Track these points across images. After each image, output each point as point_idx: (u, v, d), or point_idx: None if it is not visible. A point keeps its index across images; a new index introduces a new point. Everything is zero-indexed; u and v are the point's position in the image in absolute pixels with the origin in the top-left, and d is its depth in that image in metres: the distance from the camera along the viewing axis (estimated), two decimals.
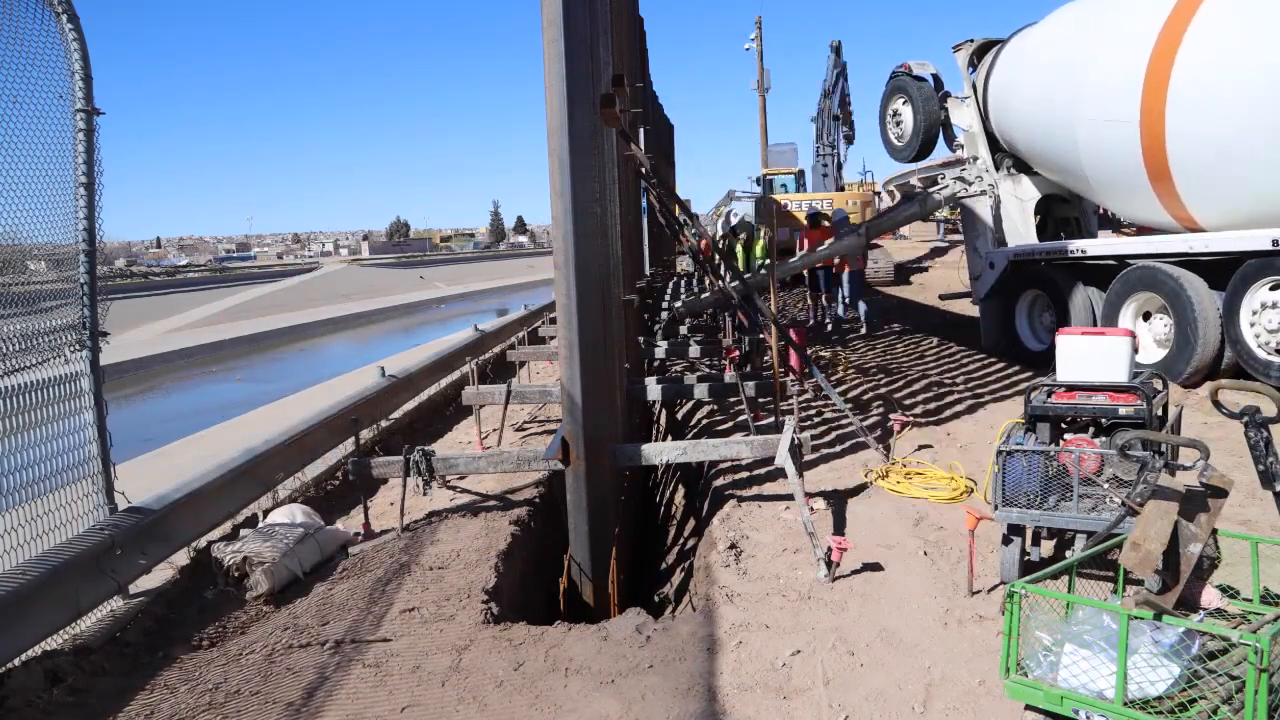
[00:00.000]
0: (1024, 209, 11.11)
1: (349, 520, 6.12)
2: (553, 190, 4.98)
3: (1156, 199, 8.85)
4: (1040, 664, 2.98)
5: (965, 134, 11.85)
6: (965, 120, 11.76)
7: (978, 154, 11.57)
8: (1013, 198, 11.20)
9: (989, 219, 11.30)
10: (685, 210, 10.87)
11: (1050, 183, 11.07)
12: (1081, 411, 4.39)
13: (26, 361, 4.26)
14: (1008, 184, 11.25)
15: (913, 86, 12.22)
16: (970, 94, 11.62)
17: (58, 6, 4.53)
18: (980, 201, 11.46)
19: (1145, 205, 9.17)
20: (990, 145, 11.47)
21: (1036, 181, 11.16)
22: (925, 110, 11.99)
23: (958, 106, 11.85)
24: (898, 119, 12.73)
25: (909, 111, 12.38)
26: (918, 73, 12.33)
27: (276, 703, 3.63)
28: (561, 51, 4.79)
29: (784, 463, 5.23)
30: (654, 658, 3.86)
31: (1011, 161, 11.28)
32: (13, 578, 3.82)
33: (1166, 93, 8.19)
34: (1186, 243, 8.61)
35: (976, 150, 11.59)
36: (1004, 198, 11.22)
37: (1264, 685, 2.47)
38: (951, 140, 12.36)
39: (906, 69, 12.41)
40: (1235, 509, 4.77)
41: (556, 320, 5.29)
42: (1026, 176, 11.17)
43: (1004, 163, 11.32)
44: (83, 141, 4.62)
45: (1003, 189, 11.25)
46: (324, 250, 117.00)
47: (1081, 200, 11.29)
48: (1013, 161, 11.28)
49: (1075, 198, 11.25)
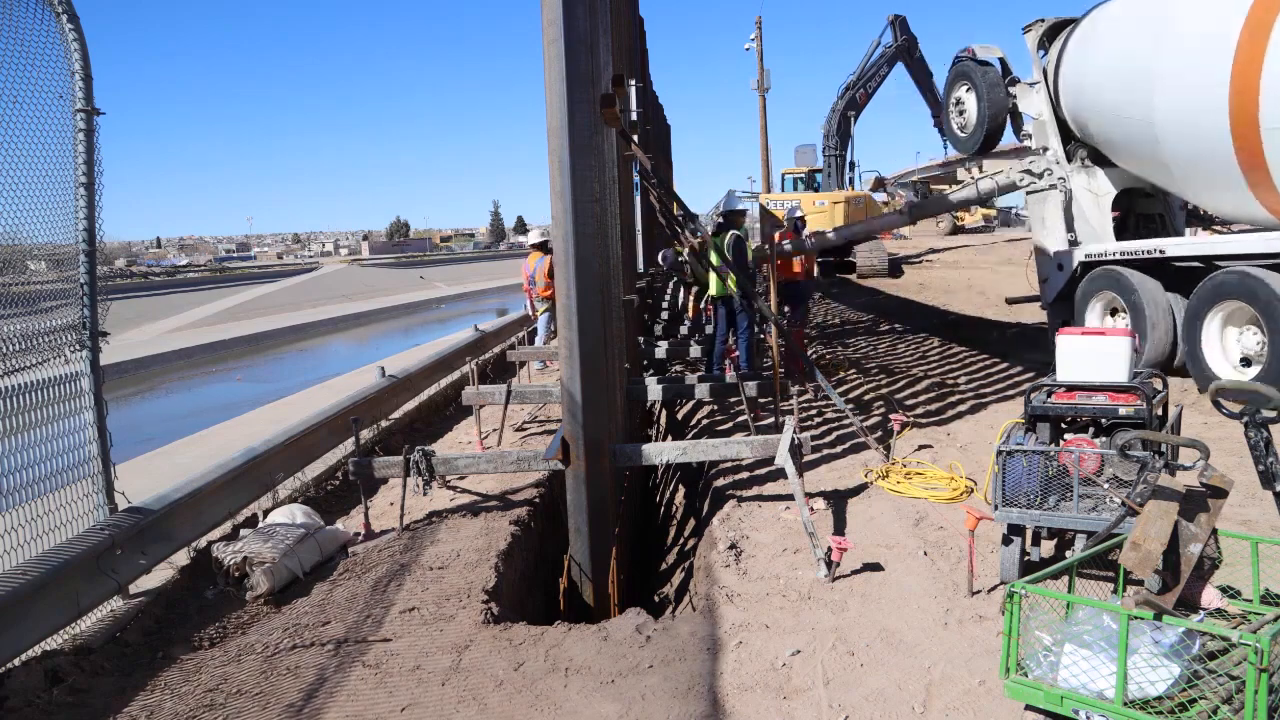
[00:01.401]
0: (1099, 204, 10.10)
1: (349, 520, 6.12)
2: (553, 190, 4.98)
3: (1249, 191, 7.90)
4: (1040, 664, 2.97)
5: (1034, 122, 10.80)
6: (1034, 108, 10.76)
7: (1048, 144, 10.53)
8: (1086, 192, 10.16)
9: (1059, 216, 10.27)
10: (685, 210, 10.84)
11: (1129, 175, 10.03)
12: (1081, 411, 4.39)
13: (27, 361, 4.26)
14: (1081, 177, 10.20)
15: (977, 72, 11.22)
16: (1040, 79, 10.61)
17: (58, 6, 4.53)
18: (1050, 197, 10.42)
19: (1236, 198, 8.22)
20: (1062, 135, 10.46)
21: (1113, 174, 10.12)
22: (990, 97, 10.98)
23: (1026, 93, 10.86)
24: (961, 107, 11.68)
25: (973, 99, 11.33)
26: (982, 57, 11.35)
27: (276, 703, 3.63)
28: (561, 51, 4.80)
29: (784, 463, 5.23)
30: (654, 658, 3.86)
31: (1086, 152, 10.27)
32: (13, 578, 3.82)
33: (1261, 72, 7.31)
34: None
35: (1046, 140, 10.55)
36: (1076, 192, 10.19)
37: (1264, 685, 2.47)
38: (1019, 130, 11.29)
39: (970, 53, 11.46)
40: (1235, 509, 4.78)
41: (556, 320, 5.29)
42: (1102, 169, 10.15)
43: (1077, 154, 10.30)
44: (83, 141, 4.62)
45: (1075, 183, 10.21)
46: (324, 250, 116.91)
47: (1166, 195, 10.24)
48: (1087, 152, 10.26)
49: (1159, 192, 10.19)
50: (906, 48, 28.65)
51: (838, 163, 29.44)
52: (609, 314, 5.91)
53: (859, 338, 14.14)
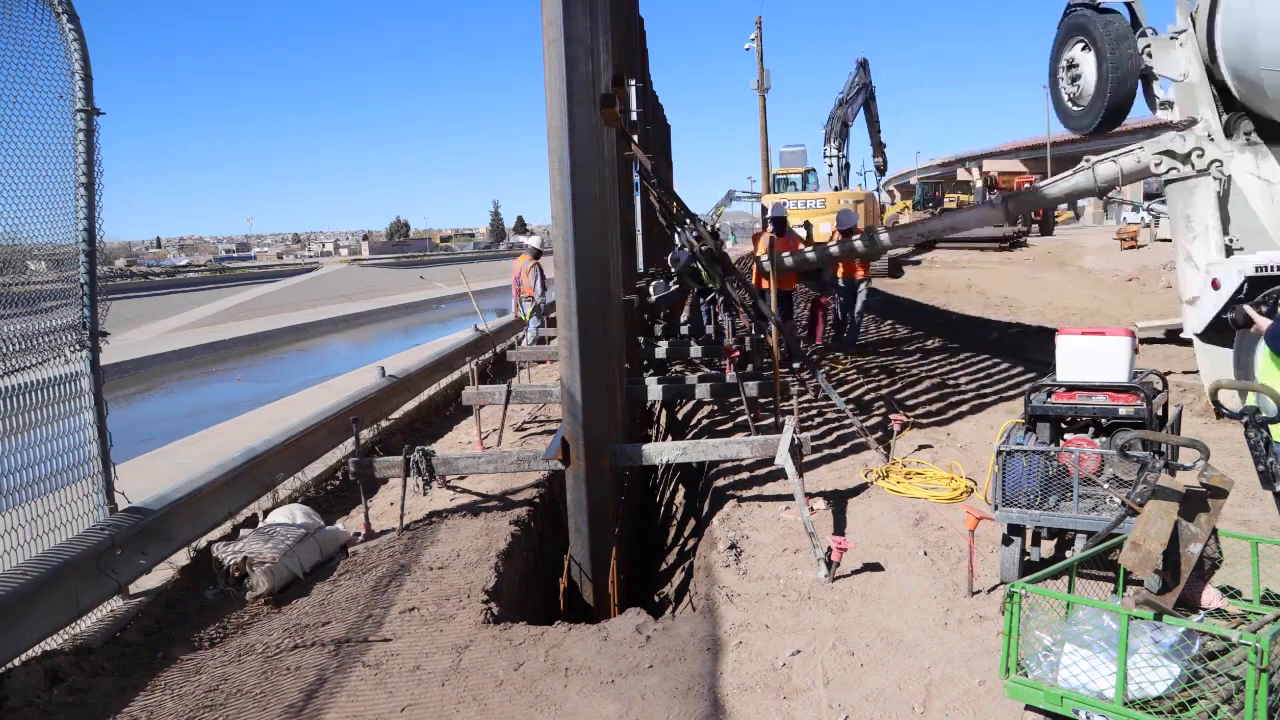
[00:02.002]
0: (1272, 196, 7.65)
1: (349, 520, 6.12)
2: (553, 190, 4.98)
3: None
4: (1040, 664, 2.98)
5: (1178, 87, 8.19)
6: (1178, 68, 8.15)
7: (1197, 115, 8.01)
8: (1254, 179, 7.71)
9: (1212, 212, 7.78)
10: (685, 210, 10.84)
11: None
12: (1081, 411, 4.39)
13: (27, 361, 4.26)
14: (1246, 159, 7.74)
15: (1097, 23, 8.40)
16: (1187, 26, 8.07)
17: (58, 6, 4.53)
18: (1200, 186, 7.85)
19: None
20: (1218, 102, 7.96)
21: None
22: (1116, 57, 8.21)
23: (1166, 48, 8.18)
24: (1074, 72, 8.80)
25: (1090, 60, 8.52)
26: (1104, 2, 8.57)
27: (277, 703, 3.63)
28: (561, 52, 4.80)
29: (784, 463, 5.24)
30: (654, 658, 3.86)
31: (1252, 125, 7.80)
32: (13, 578, 3.82)
33: None
34: None
35: (1195, 110, 8.02)
36: (1239, 179, 7.75)
37: (1264, 685, 2.47)
38: (1154, 99, 8.54)
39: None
40: (1235, 509, 4.77)
41: (557, 320, 5.30)
42: (1276, 148, 7.75)
43: (1239, 128, 7.85)
44: (83, 141, 4.62)
45: (1236, 166, 7.74)
46: (324, 250, 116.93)
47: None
48: (1254, 125, 7.79)
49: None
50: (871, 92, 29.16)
51: (838, 163, 29.51)
52: (609, 314, 5.91)
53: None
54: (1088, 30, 8.55)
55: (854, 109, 29.27)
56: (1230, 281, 7.22)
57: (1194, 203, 7.90)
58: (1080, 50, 8.73)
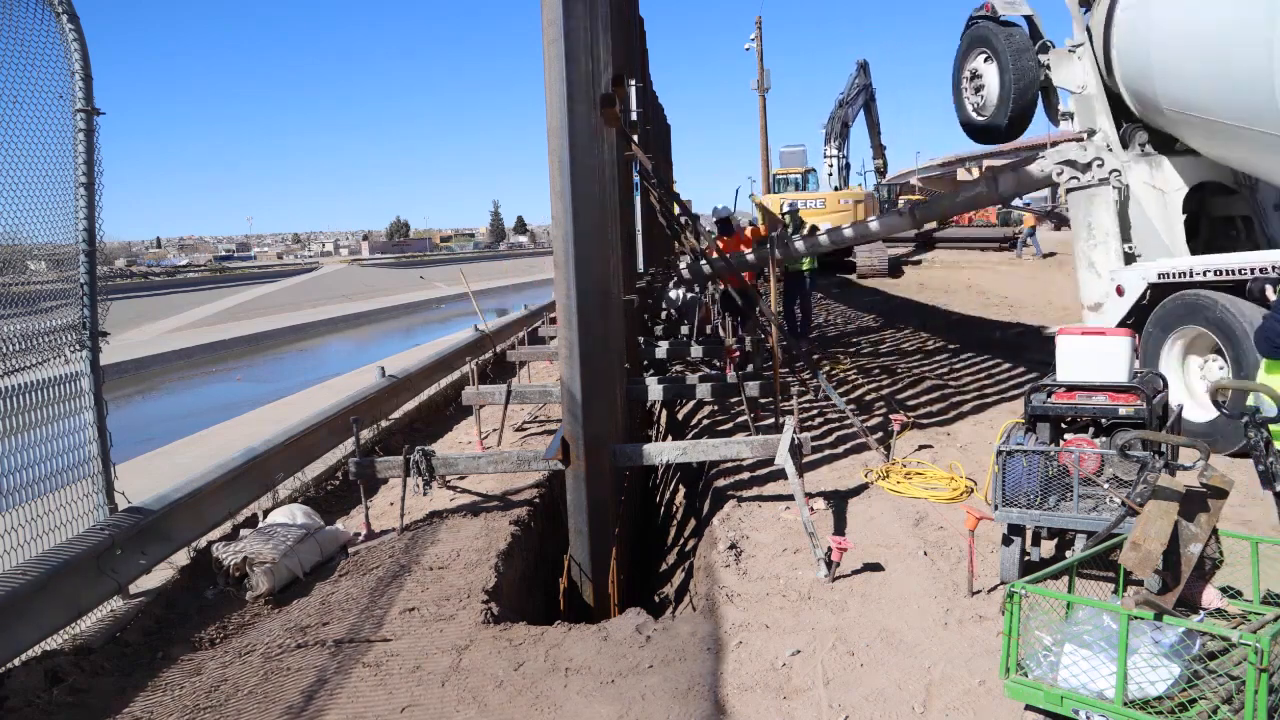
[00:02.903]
0: (1166, 204, 7.78)
1: (349, 520, 6.12)
2: (553, 190, 4.98)
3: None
4: (1040, 664, 2.98)
5: (1076, 98, 8.41)
6: (1076, 79, 8.31)
7: (1095, 125, 8.18)
8: (1149, 189, 7.85)
9: (1112, 221, 7.93)
10: (686, 210, 10.84)
11: (1207, 165, 7.73)
12: (1081, 411, 4.38)
13: (27, 361, 4.26)
14: (1141, 168, 7.87)
15: (999, 35, 8.59)
16: (1084, 40, 8.21)
17: (58, 6, 4.53)
18: (1099, 195, 8.03)
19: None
20: (1115, 113, 8.12)
21: (1184, 164, 7.78)
22: (1017, 67, 8.43)
23: (1064, 60, 8.38)
24: (978, 82, 9.00)
25: (993, 71, 8.72)
26: (1005, 15, 8.74)
27: (276, 703, 3.63)
28: (561, 51, 4.80)
29: (784, 463, 5.24)
30: (654, 658, 3.86)
31: (1147, 136, 7.97)
32: (13, 578, 3.82)
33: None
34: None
35: (1093, 120, 8.20)
36: (1136, 189, 7.87)
37: (1264, 685, 2.47)
38: (1055, 110, 8.79)
39: (989, 10, 8.86)
40: (1235, 509, 4.77)
41: (556, 320, 5.29)
42: (1169, 158, 7.84)
43: (1135, 138, 8.01)
44: (83, 141, 4.62)
45: (1133, 176, 7.87)
46: (324, 250, 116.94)
47: (1255, 191, 7.90)
48: (1148, 136, 7.97)
49: (1246, 187, 7.90)
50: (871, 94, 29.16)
51: (838, 163, 29.54)
52: (609, 314, 5.91)
53: (860, 337, 14.15)
54: (990, 42, 8.74)
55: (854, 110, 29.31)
56: (1134, 288, 7.38)
57: (1094, 211, 8.08)
58: (983, 61, 8.94)
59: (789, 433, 5.39)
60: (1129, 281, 7.49)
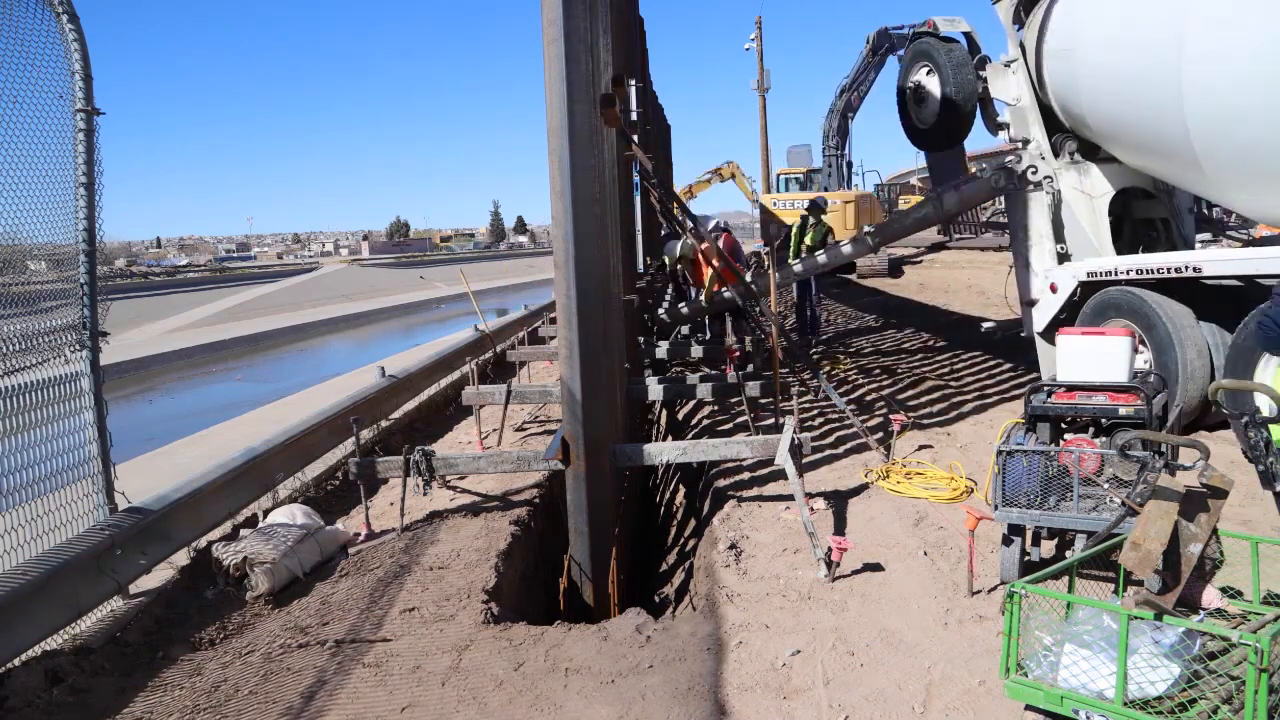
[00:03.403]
0: (1094, 208, 8.38)
1: (349, 520, 6.12)
2: (553, 190, 4.98)
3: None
4: (1040, 664, 2.98)
5: (1011, 110, 8.93)
6: (1011, 92, 8.84)
7: (1029, 135, 8.72)
8: (1078, 194, 8.44)
9: (1045, 223, 8.52)
10: (686, 211, 10.85)
11: (1129, 172, 8.31)
12: (1081, 411, 4.39)
13: (27, 361, 4.26)
14: (1071, 175, 8.45)
15: (939, 51, 9.30)
16: (1018, 56, 8.72)
17: (58, 6, 4.53)
18: (1033, 200, 8.65)
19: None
20: (1047, 124, 8.66)
21: (1110, 171, 8.38)
22: (956, 80, 9.08)
23: (1000, 74, 8.90)
24: (920, 94, 9.70)
25: (934, 83, 9.43)
26: (945, 32, 9.51)
27: (276, 703, 3.63)
28: (561, 51, 4.79)
29: (784, 463, 5.24)
30: (654, 658, 3.86)
31: (1075, 145, 8.53)
32: (13, 578, 3.82)
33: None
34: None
35: (1027, 131, 8.73)
36: (1066, 194, 8.45)
37: (1264, 685, 2.47)
38: (993, 120, 9.34)
39: (930, 26, 9.57)
40: (1235, 509, 4.77)
41: (556, 320, 5.29)
42: (1095, 165, 8.44)
43: (1065, 146, 8.54)
44: (83, 141, 4.62)
45: (1064, 182, 8.44)
46: (324, 250, 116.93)
47: (1172, 195, 8.53)
48: (1077, 145, 8.53)
49: (1164, 192, 8.49)
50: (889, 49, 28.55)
51: (838, 162, 29.34)
52: (609, 314, 5.91)
53: (861, 337, 14.15)
54: (931, 56, 9.43)
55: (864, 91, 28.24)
56: (1066, 285, 7.95)
57: (1029, 214, 8.68)
58: (925, 74, 9.65)
59: (789, 433, 5.39)
60: (1061, 279, 8.05)
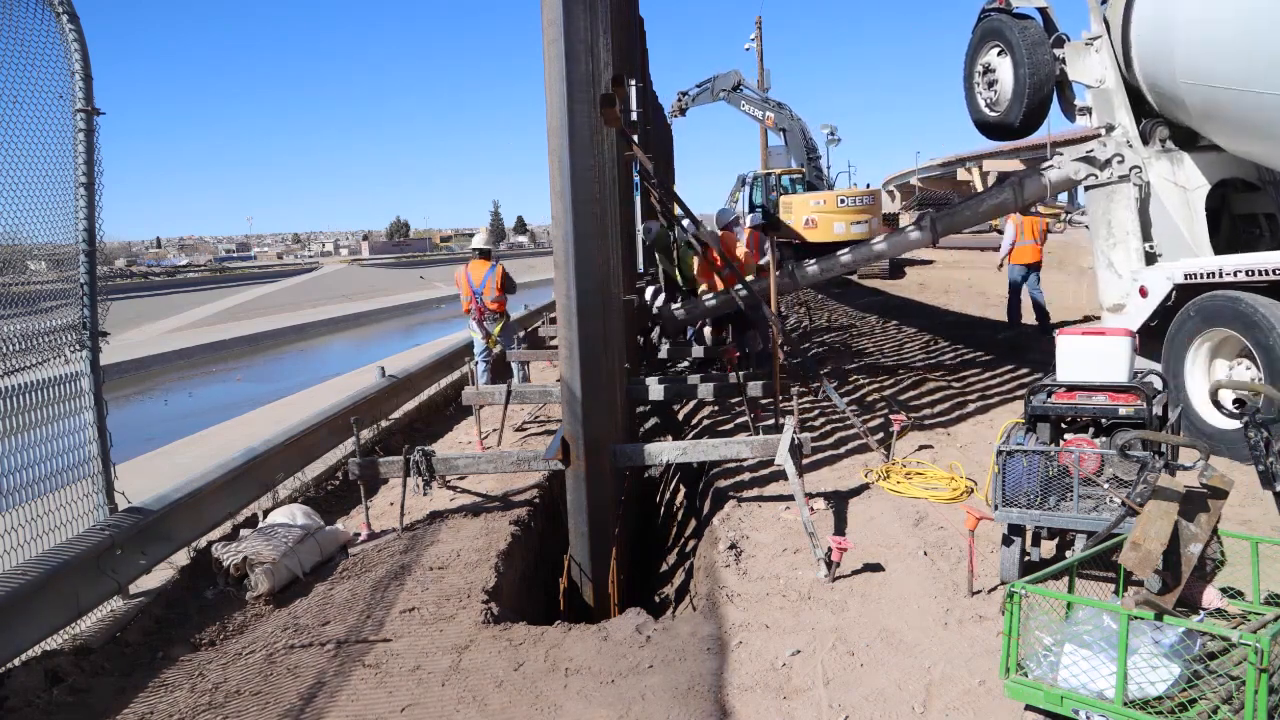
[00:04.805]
0: (1189, 203, 7.51)
1: (349, 520, 6.12)
2: (553, 190, 4.98)
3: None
4: (1040, 664, 2.98)
5: (1094, 93, 8.13)
6: (1093, 73, 8.07)
7: (1114, 121, 7.92)
8: (1171, 186, 7.59)
9: (1133, 219, 7.67)
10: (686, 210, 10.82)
11: (1230, 161, 7.41)
12: (1081, 411, 4.38)
13: (26, 361, 4.26)
14: (1162, 165, 7.61)
15: (1012, 29, 8.39)
16: (1101, 33, 7.93)
17: (58, 6, 4.53)
18: (1119, 192, 7.79)
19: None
20: (1134, 108, 7.86)
21: (1207, 160, 7.50)
22: (1032, 61, 8.21)
23: (1080, 54, 8.12)
24: (990, 76, 8.79)
25: (1007, 65, 8.52)
26: (1018, 8, 8.54)
27: (276, 703, 3.63)
28: (561, 51, 4.79)
29: (784, 463, 5.24)
30: (654, 658, 3.86)
31: (1167, 131, 7.71)
32: (13, 578, 3.82)
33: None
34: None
35: (1112, 116, 7.94)
36: (1157, 186, 7.61)
37: (1264, 685, 2.47)
38: (1071, 105, 8.52)
39: (1002, 2, 8.63)
40: (1235, 509, 4.77)
41: (556, 320, 5.29)
42: (1189, 154, 7.58)
43: (1155, 133, 7.73)
44: (83, 141, 4.62)
45: (1154, 172, 7.62)
46: (324, 250, 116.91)
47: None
48: (1169, 132, 7.71)
49: (1270, 184, 7.62)
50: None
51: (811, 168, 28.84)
52: (609, 314, 5.91)
53: (861, 338, 14.15)
54: (1003, 35, 8.51)
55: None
56: (1158, 289, 7.05)
57: (1114, 209, 7.83)
58: (996, 55, 8.71)
59: (789, 433, 5.39)
60: (1153, 282, 7.11)
